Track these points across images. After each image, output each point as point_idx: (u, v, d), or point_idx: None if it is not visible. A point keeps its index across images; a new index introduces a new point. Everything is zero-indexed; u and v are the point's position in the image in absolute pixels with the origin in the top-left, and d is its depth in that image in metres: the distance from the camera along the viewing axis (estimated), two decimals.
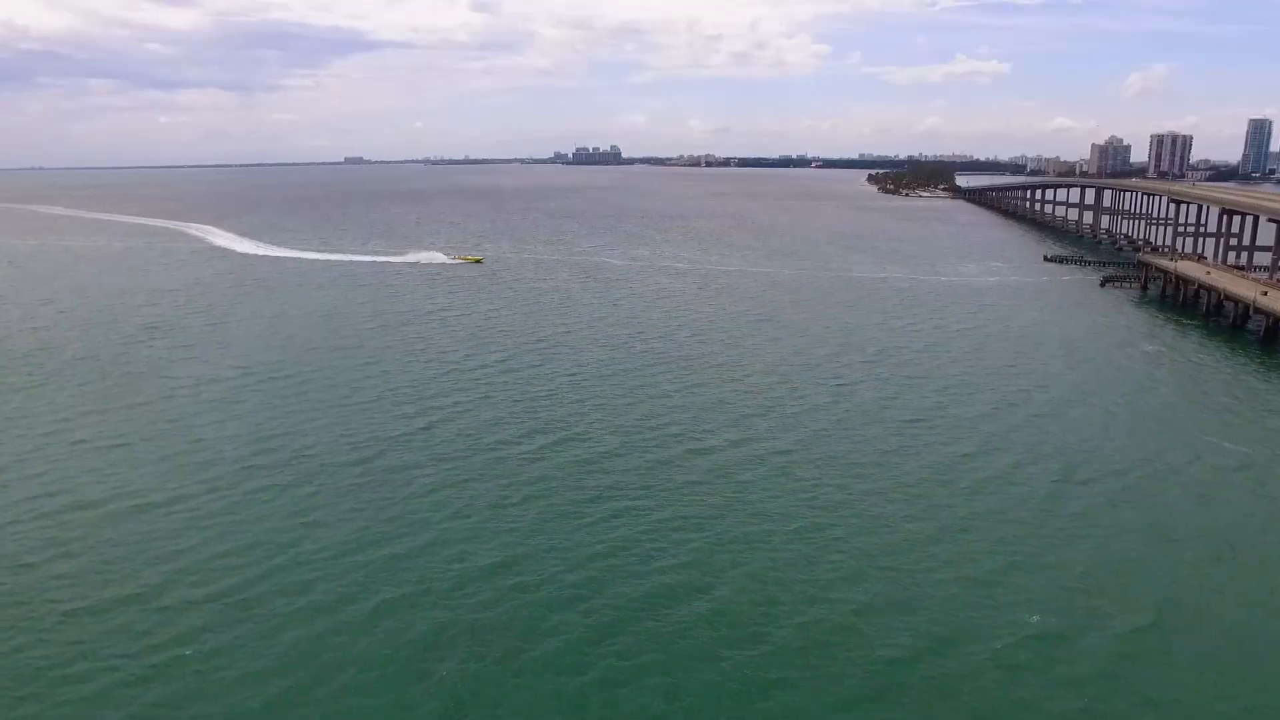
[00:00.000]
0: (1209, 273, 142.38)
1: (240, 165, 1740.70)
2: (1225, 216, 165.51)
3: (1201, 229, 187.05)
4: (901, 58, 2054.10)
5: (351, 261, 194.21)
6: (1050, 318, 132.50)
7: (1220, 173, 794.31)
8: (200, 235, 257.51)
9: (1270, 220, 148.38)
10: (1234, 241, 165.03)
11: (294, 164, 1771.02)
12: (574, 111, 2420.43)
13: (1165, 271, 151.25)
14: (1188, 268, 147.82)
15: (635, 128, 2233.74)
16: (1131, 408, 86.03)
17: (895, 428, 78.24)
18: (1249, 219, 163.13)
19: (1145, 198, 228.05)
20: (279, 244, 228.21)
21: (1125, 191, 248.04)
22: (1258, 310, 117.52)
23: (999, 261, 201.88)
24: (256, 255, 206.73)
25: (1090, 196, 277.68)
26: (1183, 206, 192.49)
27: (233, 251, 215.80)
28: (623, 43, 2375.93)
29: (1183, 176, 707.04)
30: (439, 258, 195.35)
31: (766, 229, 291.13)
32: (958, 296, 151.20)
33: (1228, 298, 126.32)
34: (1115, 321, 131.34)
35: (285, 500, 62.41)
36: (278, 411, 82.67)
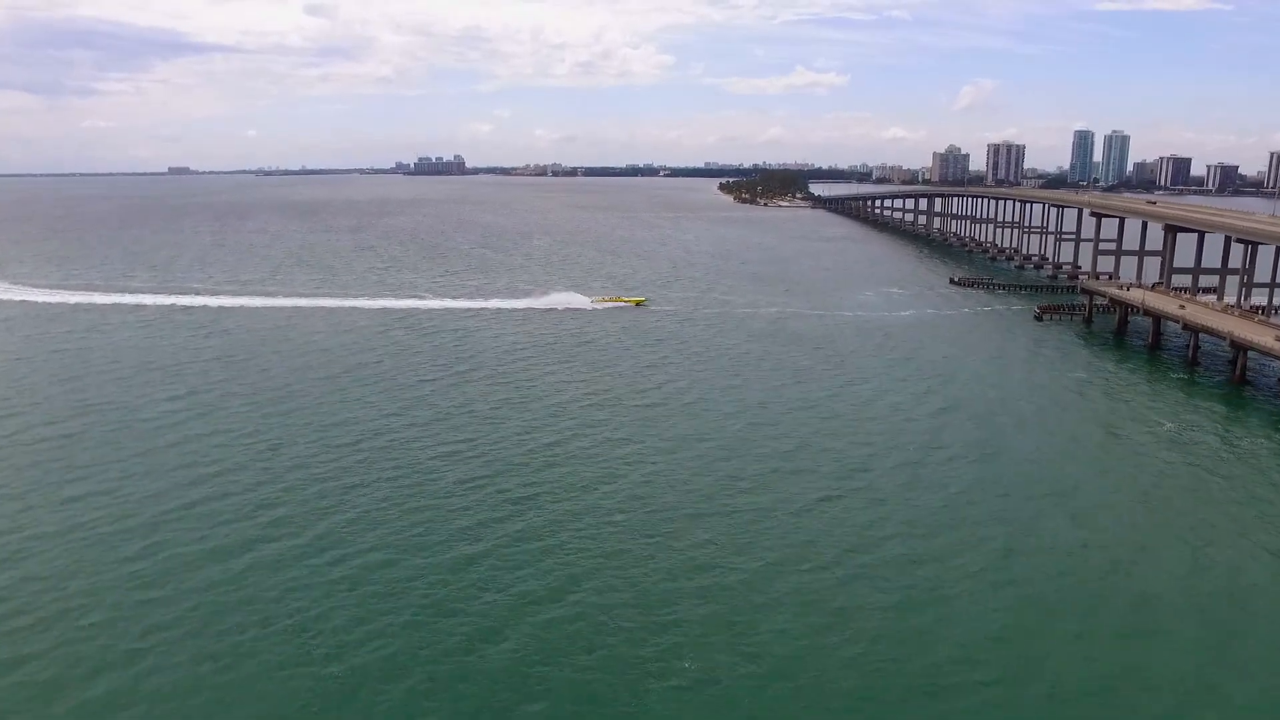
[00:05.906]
0: (1183, 306, 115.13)
1: (50, 175, 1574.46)
2: (1167, 234, 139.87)
3: (1118, 246, 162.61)
4: (744, 69, 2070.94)
5: (103, 306, 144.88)
6: (1014, 375, 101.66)
7: (1050, 180, 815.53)
8: None
9: (1241, 241, 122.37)
10: (1179, 263, 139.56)
11: (111, 174, 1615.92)
12: (417, 121, 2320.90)
13: (1125, 304, 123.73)
14: (1154, 300, 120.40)
15: (481, 137, 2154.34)
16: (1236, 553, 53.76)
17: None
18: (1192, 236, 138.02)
19: (1056, 210, 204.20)
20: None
21: (1030, 203, 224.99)
22: None
23: (897, 288, 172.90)
24: None
25: (984, 208, 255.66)
26: (1103, 221, 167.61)
27: None
28: (466, 51, 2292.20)
29: (1018, 183, 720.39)
30: (219, 302, 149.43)
31: (631, 250, 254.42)
32: (878, 342, 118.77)
33: (1234, 344, 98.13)
34: (1095, 377, 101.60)
35: None
36: None
